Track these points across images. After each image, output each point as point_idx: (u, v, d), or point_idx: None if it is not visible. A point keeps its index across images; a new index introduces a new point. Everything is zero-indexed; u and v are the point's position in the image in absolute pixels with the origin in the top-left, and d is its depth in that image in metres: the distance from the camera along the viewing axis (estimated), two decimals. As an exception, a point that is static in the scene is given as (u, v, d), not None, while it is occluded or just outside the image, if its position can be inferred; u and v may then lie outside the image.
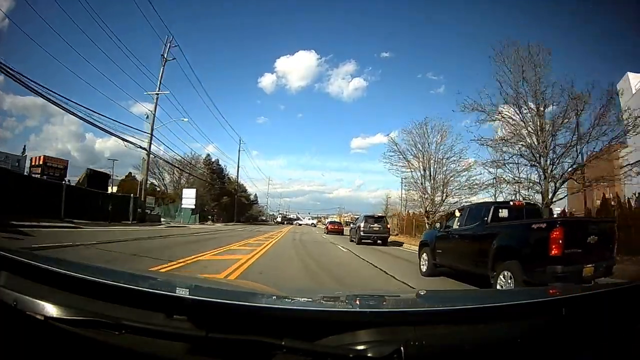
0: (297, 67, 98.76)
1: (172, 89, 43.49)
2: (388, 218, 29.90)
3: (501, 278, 5.15)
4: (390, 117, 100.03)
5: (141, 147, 25.24)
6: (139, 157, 27.42)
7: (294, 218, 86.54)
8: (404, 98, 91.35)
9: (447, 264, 7.22)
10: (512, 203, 7.37)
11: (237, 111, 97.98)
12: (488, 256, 5.56)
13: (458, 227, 7.08)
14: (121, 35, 54.12)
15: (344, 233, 28.21)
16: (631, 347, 1.15)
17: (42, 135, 67.46)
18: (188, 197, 35.93)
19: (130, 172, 44.01)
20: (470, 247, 6.41)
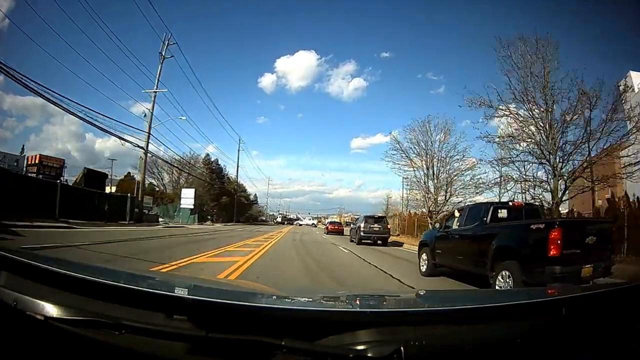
0: (297, 67, 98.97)
1: (172, 89, 43.54)
2: (389, 218, 29.83)
3: (500, 278, 5.17)
4: (390, 117, 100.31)
5: (139, 147, 25.01)
6: (138, 157, 27.18)
7: (294, 218, 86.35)
8: (404, 98, 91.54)
9: (447, 264, 7.23)
10: (511, 203, 7.40)
11: (237, 111, 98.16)
12: (487, 256, 5.58)
13: (457, 227, 7.09)
14: (121, 35, 54.19)
15: (344, 233, 28.21)
16: (631, 347, 1.15)
17: (42, 135, 67.46)
18: (187, 197, 35.43)
19: (129, 172, 43.96)
20: (469, 247, 6.42)
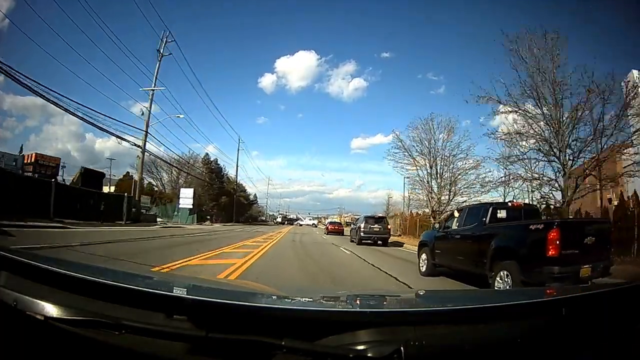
0: (297, 67, 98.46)
1: (172, 90, 43.48)
2: (390, 219, 29.74)
3: (499, 278, 5.18)
4: (390, 118, 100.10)
5: (135, 145, 24.68)
6: (136, 156, 26.82)
7: (295, 218, 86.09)
8: (404, 98, 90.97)
9: (446, 264, 7.24)
10: (511, 204, 7.41)
11: (237, 111, 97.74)
12: (486, 256, 5.59)
13: (457, 228, 7.10)
14: (121, 35, 54.08)
15: (344, 233, 28.22)
16: (631, 347, 1.16)
17: (42, 135, 67.14)
18: (185, 197, 35.05)
19: (128, 172, 43.82)
20: (468, 248, 6.44)
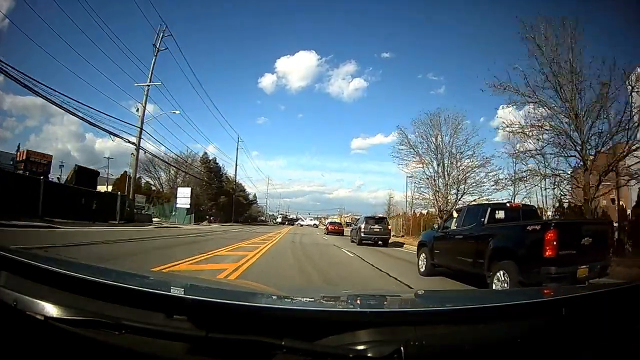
0: (298, 68, 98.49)
1: (172, 89, 43.32)
2: (391, 219, 29.63)
3: (496, 279, 5.21)
4: (390, 118, 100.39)
5: (129, 142, 24.02)
6: (130, 154, 25.86)
7: (295, 218, 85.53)
8: (405, 98, 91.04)
9: (445, 264, 7.27)
10: (509, 204, 7.45)
11: (237, 111, 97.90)
12: (484, 256, 5.63)
13: (455, 228, 7.13)
14: (121, 34, 53.98)
15: (344, 234, 28.22)
16: (631, 347, 1.16)
17: (42, 135, 66.98)
18: (183, 196, 34.29)
19: (125, 171, 43.51)
20: (467, 248, 6.46)
